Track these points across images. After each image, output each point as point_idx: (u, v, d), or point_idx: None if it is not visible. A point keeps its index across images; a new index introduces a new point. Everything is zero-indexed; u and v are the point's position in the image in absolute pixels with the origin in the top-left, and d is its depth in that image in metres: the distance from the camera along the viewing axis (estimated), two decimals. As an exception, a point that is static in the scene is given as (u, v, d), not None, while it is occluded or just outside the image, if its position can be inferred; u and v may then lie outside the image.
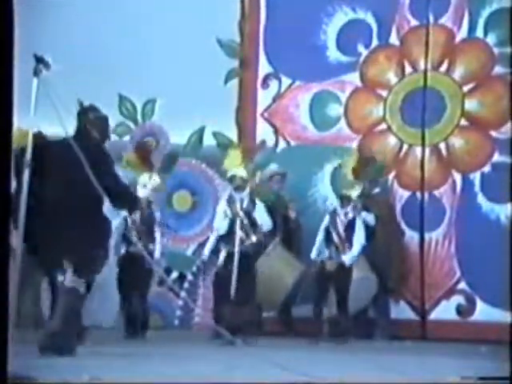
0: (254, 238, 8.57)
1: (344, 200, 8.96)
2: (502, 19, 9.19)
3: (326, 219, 8.98)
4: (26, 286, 7.80)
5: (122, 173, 7.73)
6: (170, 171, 10.42)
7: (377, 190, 9.62)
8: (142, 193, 8.97)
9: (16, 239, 5.20)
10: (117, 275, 8.77)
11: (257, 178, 9.38)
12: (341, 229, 8.86)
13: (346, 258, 8.75)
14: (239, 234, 8.53)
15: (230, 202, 8.75)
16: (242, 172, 8.81)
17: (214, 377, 5.22)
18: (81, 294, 6.32)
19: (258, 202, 8.81)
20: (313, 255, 8.95)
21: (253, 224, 8.63)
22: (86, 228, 6.15)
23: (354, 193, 9.01)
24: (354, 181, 9.23)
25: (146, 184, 9.12)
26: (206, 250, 9.10)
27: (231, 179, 8.82)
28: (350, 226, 8.86)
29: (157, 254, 8.85)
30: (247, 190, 8.77)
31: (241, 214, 8.59)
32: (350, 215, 8.90)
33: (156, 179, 9.32)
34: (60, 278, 6.37)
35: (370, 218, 9.23)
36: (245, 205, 8.67)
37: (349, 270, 8.75)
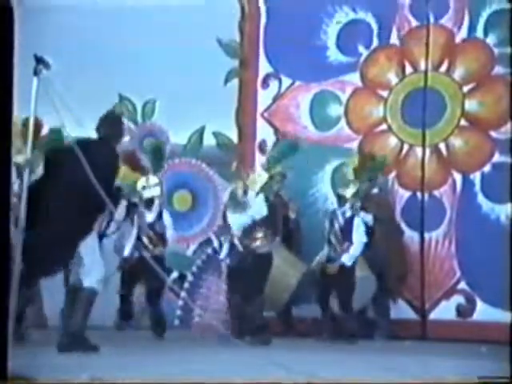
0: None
1: (341, 199, 9.03)
2: (501, 19, 9.17)
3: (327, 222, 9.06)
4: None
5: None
6: (160, 168, 10.50)
7: (375, 190, 9.61)
8: (147, 194, 9.13)
9: (16, 239, 5.20)
10: (125, 278, 8.96)
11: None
12: (338, 229, 8.90)
13: (346, 258, 8.77)
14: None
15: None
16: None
17: (214, 377, 5.22)
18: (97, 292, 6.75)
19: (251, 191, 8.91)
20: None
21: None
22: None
23: (349, 192, 9.05)
24: (352, 180, 9.24)
25: (146, 185, 9.21)
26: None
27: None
28: (348, 226, 8.88)
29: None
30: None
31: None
32: (348, 214, 8.93)
33: (154, 178, 9.41)
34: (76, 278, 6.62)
35: (369, 219, 9.25)
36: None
37: (350, 271, 8.75)
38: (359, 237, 8.85)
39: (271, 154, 9.74)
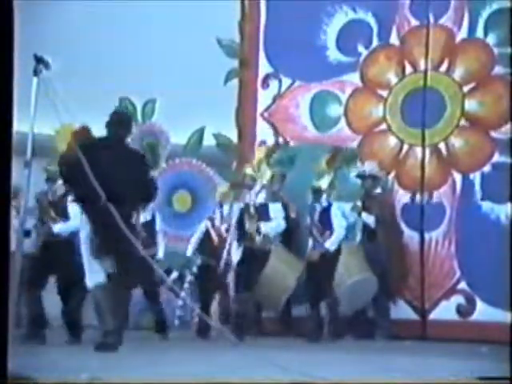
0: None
1: (316, 192, 9.05)
2: (502, 19, 9.18)
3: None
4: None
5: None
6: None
7: (378, 190, 9.61)
8: None
9: (16, 239, 5.20)
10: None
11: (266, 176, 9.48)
12: (317, 221, 8.94)
13: (329, 244, 8.80)
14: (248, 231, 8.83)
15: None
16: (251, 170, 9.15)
17: (213, 377, 5.22)
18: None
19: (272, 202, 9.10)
20: None
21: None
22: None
23: (324, 182, 9.06)
24: (325, 170, 9.21)
25: None
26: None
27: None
28: (326, 215, 8.91)
29: (160, 255, 9.04)
30: (256, 188, 8.96)
31: (251, 212, 8.77)
32: (324, 204, 8.96)
33: None
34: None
35: (371, 220, 9.25)
36: (255, 203, 8.88)
37: (334, 258, 8.76)
38: (339, 222, 8.89)
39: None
